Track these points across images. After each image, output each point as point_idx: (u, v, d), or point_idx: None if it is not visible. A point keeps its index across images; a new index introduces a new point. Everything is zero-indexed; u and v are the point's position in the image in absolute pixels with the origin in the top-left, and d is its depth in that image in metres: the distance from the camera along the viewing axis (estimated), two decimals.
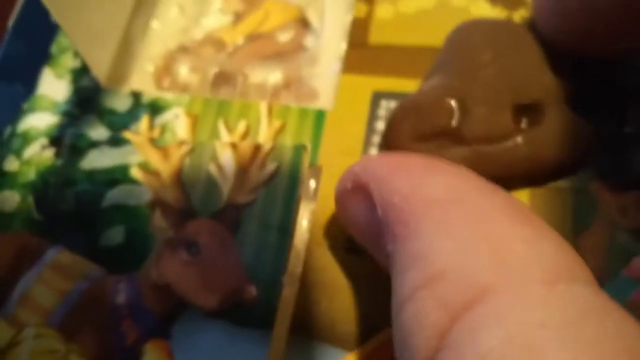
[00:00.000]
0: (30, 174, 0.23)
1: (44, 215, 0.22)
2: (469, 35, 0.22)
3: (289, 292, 0.19)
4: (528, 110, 0.20)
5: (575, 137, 0.20)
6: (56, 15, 0.22)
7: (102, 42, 0.25)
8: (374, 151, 0.22)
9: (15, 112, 0.25)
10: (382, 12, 0.25)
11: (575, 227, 0.19)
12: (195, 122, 0.23)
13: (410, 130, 0.21)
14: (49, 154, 0.23)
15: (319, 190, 0.21)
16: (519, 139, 0.20)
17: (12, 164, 0.23)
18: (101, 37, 0.25)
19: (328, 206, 0.21)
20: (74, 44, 0.24)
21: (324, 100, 0.25)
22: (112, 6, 0.26)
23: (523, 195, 0.20)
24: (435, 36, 0.24)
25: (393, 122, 0.22)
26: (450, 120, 0.20)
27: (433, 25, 0.24)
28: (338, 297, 0.20)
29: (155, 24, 0.27)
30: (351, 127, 0.22)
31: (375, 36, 0.24)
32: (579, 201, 0.20)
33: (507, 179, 0.20)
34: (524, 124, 0.20)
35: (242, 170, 0.21)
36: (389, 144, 0.21)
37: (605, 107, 0.22)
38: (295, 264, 0.19)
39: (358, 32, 0.24)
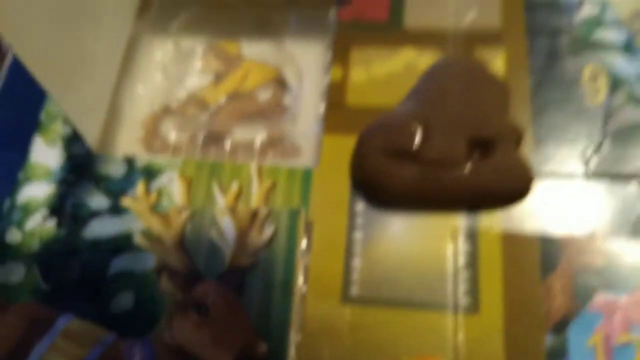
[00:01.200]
0: (34, 245, 0.24)
1: (51, 285, 0.23)
2: (443, 71, 0.26)
3: (296, 344, 0.21)
4: (481, 144, 0.23)
5: (517, 174, 0.23)
6: (46, 85, 0.23)
7: (92, 109, 0.27)
8: (360, 206, 0.24)
9: (12, 181, 0.26)
10: (357, 75, 0.27)
11: (542, 270, 0.22)
12: (189, 185, 0.25)
13: (377, 144, 0.24)
14: (50, 224, 0.24)
15: (312, 245, 0.23)
16: (468, 168, 0.23)
17: (14, 236, 0.24)
18: (91, 104, 0.27)
19: (322, 259, 0.23)
20: (65, 112, 0.25)
21: (307, 156, 0.27)
22: (100, 74, 0.27)
23: (495, 240, 0.23)
24: (403, 97, 0.26)
25: (364, 136, 0.24)
26: (412, 141, 0.23)
27: (402, 86, 0.26)
28: (338, 344, 0.22)
29: (140, 89, 0.29)
30: (337, 184, 0.25)
31: (352, 98, 0.27)
32: (545, 245, 0.22)
33: (452, 201, 0.23)
34: (475, 155, 0.23)
35: (242, 235, 0.23)
36: (358, 153, 0.24)
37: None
38: (297, 317, 0.21)
39: (336, 94, 0.27)
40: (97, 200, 0.25)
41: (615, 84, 0.26)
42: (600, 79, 0.26)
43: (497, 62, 0.27)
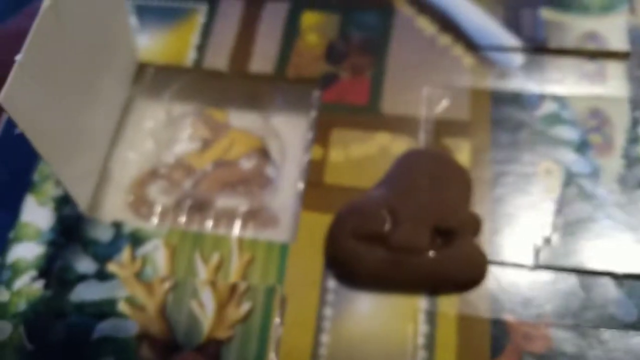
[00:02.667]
0: (21, 305, 0.25)
1: (35, 345, 0.24)
2: (414, 162, 0.28)
3: None
4: (443, 234, 0.26)
5: (472, 262, 0.26)
6: (39, 148, 0.25)
7: (85, 174, 0.28)
8: (331, 283, 0.26)
9: (3, 240, 0.27)
10: (335, 155, 0.29)
11: (492, 352, 0.24)
12: (173, 253, 0.27)
13: (349, 227, 0.26)
14: (38, 285, 0.26)
15: (284, 320, 0.25)
16: (430, 255, 0.26)
17: (2, 295, 0.26)
18: (84, 170, 0.28)
19: (293, 334, 0.25)
20: (58, 176, 0.26)
21: (284, 228, 0.29)
22: (94, 141, 0.29)
23: (452, 322, 0.25)
24: (377, 179, 0.29)
25: (338, 218, 0.27)
26: (383, 227, 0.26)
27: (376, 169, 0.29)
28: None
29: (131, 155, 0.31)
30: (311, 260, 0.27)
31: (330, 177, 0.29)
32: (495, 329, 0.25)
33: (415, 282, 0.26)
34: (438, 243, 0.26)
35: (221, 308, 0.24)
36: (332, 234, 0.26)
37: None
38: None
39: (315, 172, 0.29)
40: (84, 264, 0.26)
41: (568, 179, 0.29)
42: (554, 173, 0.29)
43: (462, 152, 0.29)
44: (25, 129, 0.21)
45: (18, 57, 0.20)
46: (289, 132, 0.32)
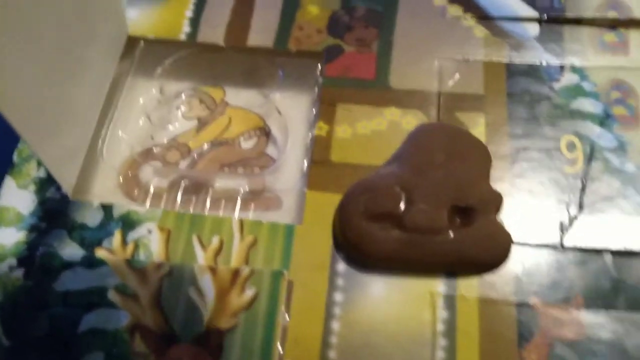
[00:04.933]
0: None
1: (13, 341, 0.22)
2: (429, 137, 0.26)
3: None
4: (462, 212, 0.24)
5: (495, 243, 0.24)
6: (15, 123, 0.22)
7: (70, 154, 0.26)
8: (341, 266, 0.24)
9: None
10: (341, 132, 0.27)
11: (519, 339, 0.22)
12: (168, 237, 0.24)
13: (361, 208, 0.24)
14: (17, 274, 0.23)
15: (291, 306, 0.23)
16: (450, 235, 0.23)
17: None
18: (69, 149, 0.26)
19: (301, 321, 0.23)
20: (38, 154, 0.24)
21: (288, 210, 0.27)
22: (80, 119, 0.27)
23: (473, 307, 0.23)
24: (387, 155, 0.27)
25: (349, 198, 0.24)
26: (397, 207, 0.24)
27: (385, 145, 0.27)
28: None
29: (121, 133, 0.28)
30: (318, 243, 0.24)
31: (336, 154, 0.27)
32: (522, 314, 0.23)
33: (433, 265, 0.24)
34: (456, 223, 0.24)
35: (222, 295, 0.22)
36: (341, 215, 0.24)
37: None
38: None
39: (320, 150, 0.27)
40: (70, 251, 0.24)
41: (593, 154, 0.27)
42: (577, 148, 0.27)
43: (477, 126, 0.27)
44: None
45: None
46: (290, 109, 0.29)
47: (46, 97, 0.22)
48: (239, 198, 0.27)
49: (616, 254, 0.24)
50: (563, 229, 0.25)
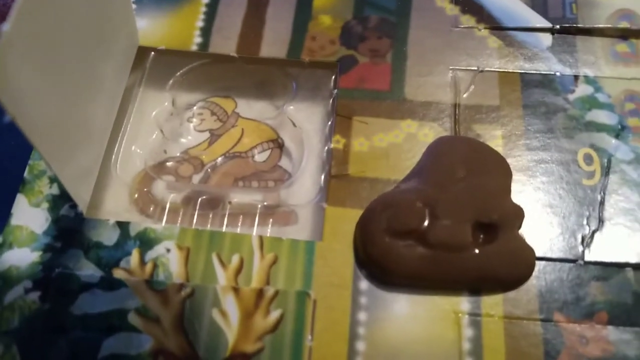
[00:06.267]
0: (14, 321, 0.22)
1: None
2: (448, 151, 0.26)
3: None
4: (486, 228, 0.24)
5: (519, 259, 0.24)
6: (33, 139, 0.21)
7: (84, 169, 0.25)
8: (363, 284, 0.24)
9: None
10: (358, 145, 0.27)
11: (545, 357, 0.22)
12: (187, 256, 0.24)
13: (383, 224, 0.23)
14: (33, 297, 0.23)
15: (315, 325, 0.22)
16: (474, 252, 0.23)
17: None
18: (83, 164, 0.25)
19: (325, 341, 0.22)
20: (56, 172, 0.23)
21: (304, 225, 0.26)
22: (94, 132, 0.26)
23: (499, 325, 0.23)
24: (406, 169, 0.26)
25: (370, 213, 0.24)
26: (421, 223, 0.23)
27: (403, 158, 0.26)
28: None
29: (134, 148, 0.28)
30: (340, 260, 0.24)
31: (354, 168, 0.26)
32: (547, 332, 0.23)
33: (457, 282, 0.23)
34: (480, 239, 0.23)
35: (247, 317, 0.22)
36: (363, 232, 0.24)
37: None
38: None
39: (338, 164, 0.26)
40: (87, 271, 0.23)
41: (610, 166, 0.27)
42: (594, 160, 0.27)
43: (494, 139, 0.27)
44: (17, 115, 0.18)
45: (4, 27, 0.17)
46: (304, 121, 0.29)
47: (65, 116, 0.21)
48: (254, 213, 0.26)
49: (637, 268, 0.24)
50: (584, 243, 0.25)
